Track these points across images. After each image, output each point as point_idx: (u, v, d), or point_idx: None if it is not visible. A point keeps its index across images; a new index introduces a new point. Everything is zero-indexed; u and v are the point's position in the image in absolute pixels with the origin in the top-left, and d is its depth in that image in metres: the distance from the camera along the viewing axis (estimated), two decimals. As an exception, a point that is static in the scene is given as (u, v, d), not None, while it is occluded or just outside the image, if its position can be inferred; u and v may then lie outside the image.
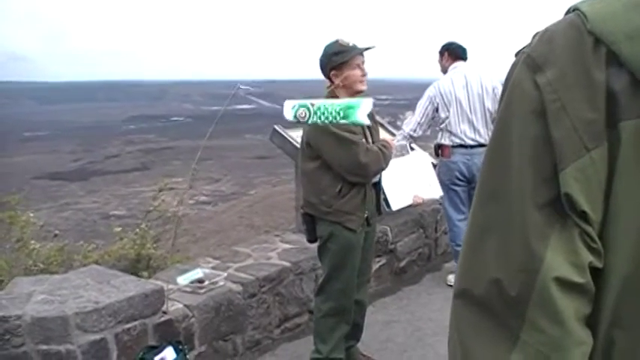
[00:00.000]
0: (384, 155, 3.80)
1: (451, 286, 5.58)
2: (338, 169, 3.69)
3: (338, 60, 3.74)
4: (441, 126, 5.56)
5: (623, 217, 0.87)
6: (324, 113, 3.41)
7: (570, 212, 0.87)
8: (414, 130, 5.67)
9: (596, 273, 0.88)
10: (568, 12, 0.95)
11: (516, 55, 0.98)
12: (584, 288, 0.88)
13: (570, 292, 0.87)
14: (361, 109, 3.42)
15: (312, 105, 3.43)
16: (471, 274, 0.96)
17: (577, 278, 0.87)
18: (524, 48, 0.97)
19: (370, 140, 3.87)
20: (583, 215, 0.87)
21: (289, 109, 3.49)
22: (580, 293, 0.88)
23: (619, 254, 0.88)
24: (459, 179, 5.58)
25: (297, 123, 3.61)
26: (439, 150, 5.68)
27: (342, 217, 3.76)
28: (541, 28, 0.97)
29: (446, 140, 5.55)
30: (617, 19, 0.88)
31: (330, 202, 3.74)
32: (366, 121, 3.40)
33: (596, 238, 0.88)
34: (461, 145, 5.50)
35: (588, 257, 0.87)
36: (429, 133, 5.89)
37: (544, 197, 0.89)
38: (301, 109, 3.46)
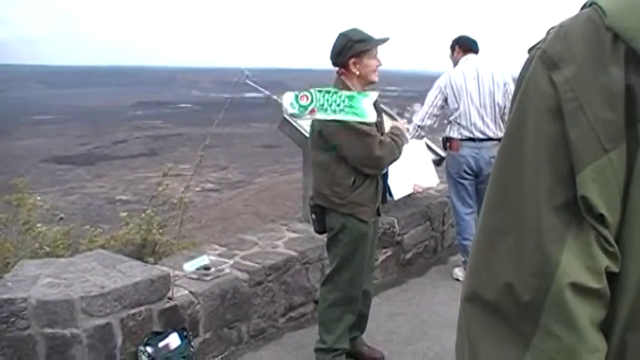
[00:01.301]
0: (397, 146, 3.79)
1: (457, 279, 5.59)
2: (351, 161, 3.67)
3: (360, 47, 3.70)
4: (450, 118, 5.53)
5: None
6: (327, 101, 3.41)
7: (587, 215, 0.84)
8: (422, 120, 5.63)
9: (611, 276, 0.86)
10: (584, 6, 0.92)
11: (529, 51, 0.96)
12: (600, 293, 0.85)
13: (586, 298, 0.84)
14: (367, 99, 3.44)
15: (318, 92, 3.44)
16: (482, 277, 0.94)
17: (593, 284, 0.84)
18: (538, 44, 0.94)
19: (380, 131, 3.84)
20: (600, 218, 0.84)
21: (288, 98, 3.47)
22: (595, 298, 0.85)
23: (636, 257, 0.85)
24: (467, 173, 5.55)
25: (296, 117, 3.60)
26: (447, 143, 5.65)
27: (355, 209, 3.74)
28: (554, 22, 0.94)
29: (454, 133, 5.52)
30: (637, 14, 0.85)
31: (344, 194, 3.72)
32: (373, 116, 3.43)
33: (613, 242, 0.85)
34: (469, 139, 5.48)
35: (605, 261, 0.85)
36: (436, 125, 5.86)
37: (560, 199, 0.86)
38: (303, 93, 3.45)
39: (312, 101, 3.44)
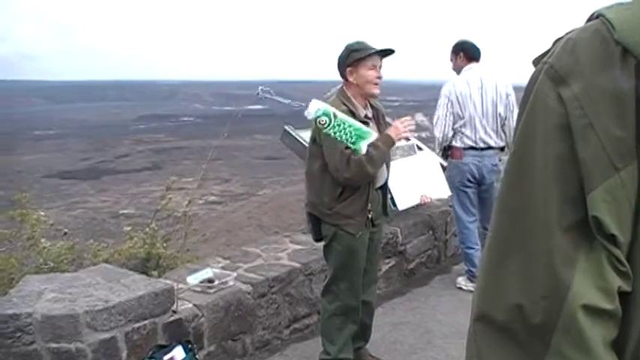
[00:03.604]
0: (370, 160, 3.63)
1: (460, 288, 5.59)
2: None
3: (356, 56, 3.74)
4: (454, 127, 5.52)
5: None
6: (341, 130, 3.50)
7: (598, 235, 0.83)
8: (443, 132, 5.57)
9: (623, 295, 0.84)
10: (591, 18, 0.89)
11: (534, 63, 0.94)
12: (612, 313, 0.84)
13: (598, 319, 0.83)
14: (366, 142, 3.57)
15: (335, 117, 3.54)
16: (492, 297, 0.92)
17: (605, 305, 0.82)
18: (544, 56, 0.92)
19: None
20: (611, 238, 0.82)
21: (313, 109, 3.54)
22: (608, 319, 0.84)
23: None
24: (470, 181, 5.57)
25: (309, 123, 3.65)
26: (449, 151, 5.65)
27: (341, 221, 3.75)
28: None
29: (458, 142, 5.52)
30: None
31: (331, 205, 3.74)
32: (364, 151, 3.55)
33: (625, 262, 0.83)
34: (472, 148, 5.49)
35: (617, 282, 0.83)
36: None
37: (570, 219, 0.84)
38: (324, 117, 3.53)
39: (327, 125, 3.52)
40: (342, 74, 3.84)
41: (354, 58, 3.75)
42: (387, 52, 3.83)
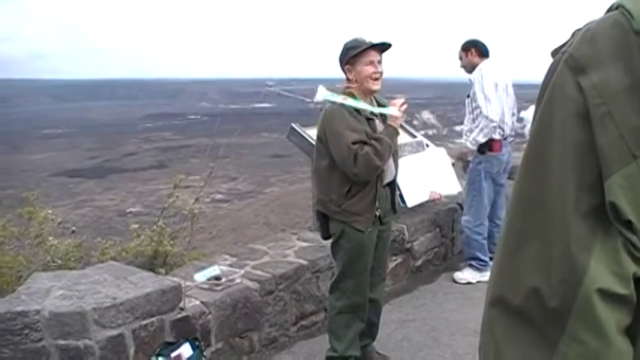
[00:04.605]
0: (377, 153, 3.65)
1: (458, 283, 5.68)
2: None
3: (351, 53, 3.76)
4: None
5: None
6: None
7: (615, 221, 0.84)
8: (499, 116, 5.56)
9: (638, 281, 0.86)
10: (611, 9, 0.90)
11: (553, 54, 0.94)
12: (627, 299, 0.85)
13: (613, 304, 0.84)
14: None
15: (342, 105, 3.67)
16: (508, 281, 0.94)
17: (620, 289, 0.84)
18: (563, 47, 0.93)
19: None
20: (628, 224, 0.83)
21: (321, 95, 3.71)
22: (622, 304, 0.85)
23: None
24: (505, 170, 5.81)
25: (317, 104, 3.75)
26: (486, 145, 5.65)
27: (349, 218, 3.75)
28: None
29: (496, 135, 5.61)
30: None
31: (339, 202, 3.75)
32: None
33: None
34: (505, 138, 5.70)
35: (632, 267, 0.84)
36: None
37: (587, 205, 0.85)
38: (332, 96, 3.73)
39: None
40: (343, 71, 3.87)
41: (350, 55, 3.77)
42: (383, 47, 3.83)
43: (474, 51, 5.71)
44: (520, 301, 0.90)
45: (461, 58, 5.80)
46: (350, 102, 3.65)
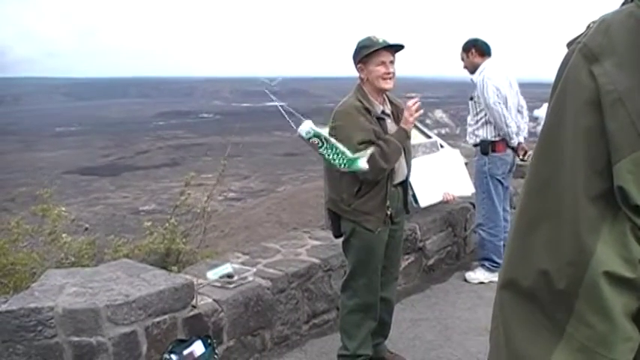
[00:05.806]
0: (383, 155, 3.65)
1: (469, 282, 5.67)
2: None
3: (364, 52, 3.75)
4: (491, 120, 5.55)
5: None
6: (334, 154, 3.59)
7: (623, 206, 0.84)
8: (509, 120, 5.57)
9: None
10: (625, 1, 0.91)
11: (568, 45, 0.96)
12: (634, 283, 0.85)
13: (619, 287, 0.85)
14: (364, 158, 3.57)
15: (327, 141, 3.58)
16: (519, 264, 0.95)
17: (627, 273, 0.84)
18: (578, 37, 0.94)
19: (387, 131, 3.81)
20: (636, 209, 0.84)
21: (305, 130, 3.59)
22: (629, 288, 0.85)
23: None
24: (510, 171, 5.76)
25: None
26: (490, 146, 5.63)
27: (359, 217, 3.75)
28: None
29: (498, 136, 5.59)
30: None
31: (349, 201, 3.75)
32: (365, 167, 3.55)
33: None
34: (517, 143, 5.68)
35: (639, 252, 0.85)
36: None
37: (596, 189, 0.86)
38: (315, 139, 3.60)
39: (320, 146, 3.58)
40: (357, 70, 3.87)
41: (362, 54, 3.76)
42: (396, 48, 3.82)
43: (474, 51, 5.67)
44: (530, 284, 0.91)
45: (463, 59, 5.77)
46: (333, 142, 3.60)
